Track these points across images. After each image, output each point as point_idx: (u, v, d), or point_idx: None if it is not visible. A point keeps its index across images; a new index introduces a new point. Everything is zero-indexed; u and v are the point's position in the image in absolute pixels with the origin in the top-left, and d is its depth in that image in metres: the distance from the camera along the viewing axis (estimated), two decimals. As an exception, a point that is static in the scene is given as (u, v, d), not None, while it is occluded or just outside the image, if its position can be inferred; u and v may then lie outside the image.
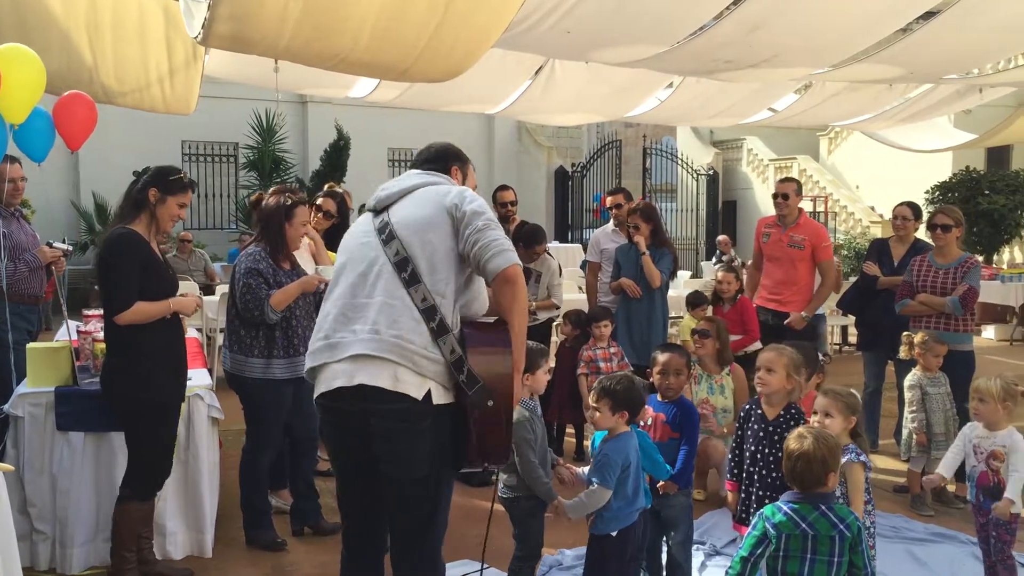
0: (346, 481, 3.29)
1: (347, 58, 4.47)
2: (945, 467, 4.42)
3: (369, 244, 3.12)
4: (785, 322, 6.53)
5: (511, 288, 3.01)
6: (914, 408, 5.47)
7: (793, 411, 3.93)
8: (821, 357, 5.18)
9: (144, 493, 4.17)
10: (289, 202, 4.73)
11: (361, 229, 3.22)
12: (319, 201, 5.88)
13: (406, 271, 3.00)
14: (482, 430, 2.96)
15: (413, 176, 3.29)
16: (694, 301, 7.19)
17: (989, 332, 13.12)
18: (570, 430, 6.78)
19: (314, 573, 4.49)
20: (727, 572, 3.04)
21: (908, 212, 6.71)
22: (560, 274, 7.01)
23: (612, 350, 6.26)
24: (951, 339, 5.69)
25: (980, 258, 15.50)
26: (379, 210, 3.21)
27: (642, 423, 4.05)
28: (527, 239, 6.58)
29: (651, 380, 4.32)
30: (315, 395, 3.11)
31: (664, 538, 4.22)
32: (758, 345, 6.25)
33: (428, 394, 2.95)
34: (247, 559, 4.65)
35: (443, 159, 3.41)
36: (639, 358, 6.18)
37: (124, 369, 4.03)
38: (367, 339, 2.97)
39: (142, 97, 6.57)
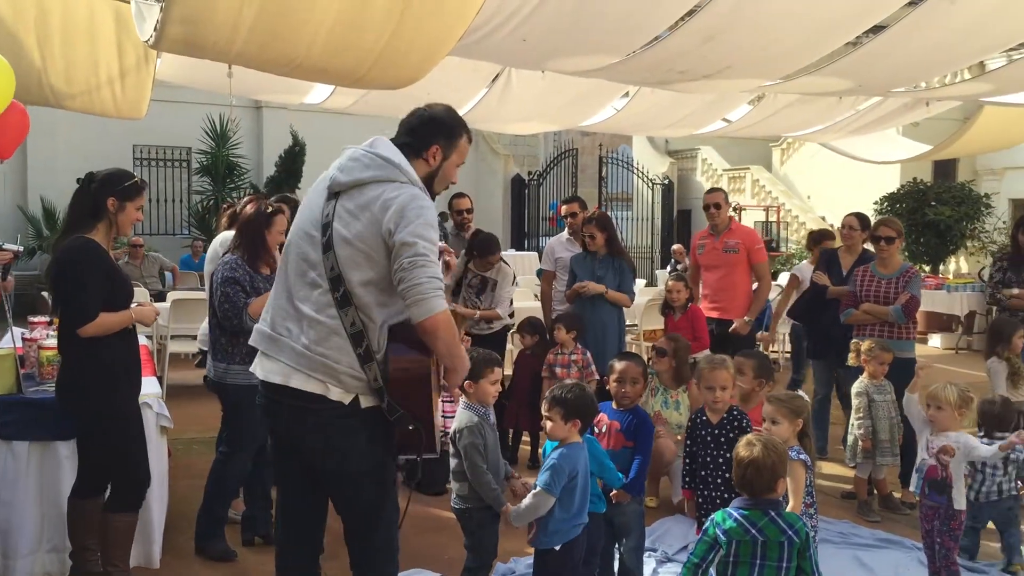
0: (286, 479, 3.29)
1: (301, 64, 4.44)
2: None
3: (312, 240, 3.04)
4: (730, 330, 6.65)
5: (431, 338, 2.94)
6: (861, 415, 5.56)
7: (735, 412, 4.04)
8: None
9: (132, 503, 4.10)
10: (269, 210, 4.72)
11: (313, 208, 3.10)
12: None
13: (338, 291, 2.96)
14: (403, 440, 3.04)
15: (370, 162, 3.05)
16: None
17: (935, 340, 13.38)
18: (526, 438, 6.78)
19: (265, 583, 4.44)
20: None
21: (855, 222, 6.83)
22: (514, 282, 7.03)
23: (574, 357, 6.26)
24: (894, 347, 5.80)
25: (928, 268, 15.84)
26: (332, 192, 3.07)
27: (596, 431, 4.08)
28: (480, 249, 6.59)
29: (608, 388, 4.34)
30: (257, 371, 3.11)
31: (616, 545, 4.24)
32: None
33: (356, 399, 3.00)
34: (196, 569, 4.58)
35: (425, 134, 3.17)
36: (595, 367, 6.20)
37: (84, 381, 3.94)
38: (299, 352, 2.97)
39: (92, 100, 6.47)
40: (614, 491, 4.03)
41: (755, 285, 6.95)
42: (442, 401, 5.60)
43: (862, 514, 5.61)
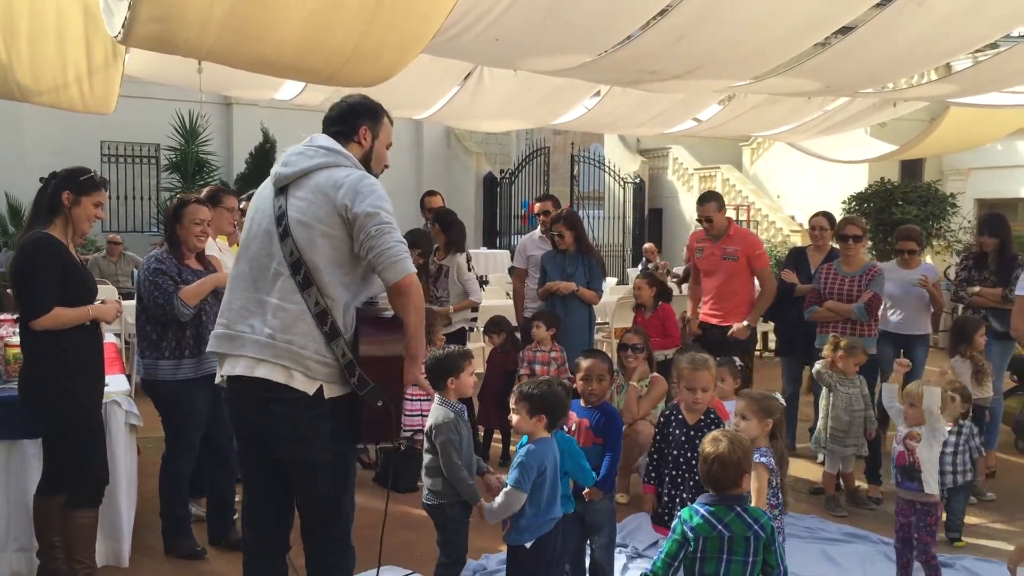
0: (251, 473, 3.32)
1: (273, 61, 4.43)
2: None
3: (269, 234, 3.12)
4: (728, 333, 6.49)
5: (405, 299, 3.07)
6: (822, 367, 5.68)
7: (712, 416, 4.06)
8: (738, 363, 5.30)
9: (91, 499, 4.09)
10: (177, 202, 4.71)
11: (264, 209, 3.20)
12: (242, 205, 5.82)
13: (299, 274, 3.04)
14: (373, 421, 3.07)
15: (313, 152, 3.19)
16: None
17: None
18: (498, 436, 6.80)
19: (235, 581, 4.43)
20: (648, 574, 3.09)
21: (825, 222, 6.91)
22: (483, 281, 7.08)
23: (553, 354, 6.29)
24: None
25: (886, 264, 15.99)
26: (279, 188, 3.17)
27: (566, 428, 4.10)
28: (443, 223, 6.75)
29: (574, 386, 4.37)
30: (220, 373, 3.18)
31: (588, 542, 4.27)
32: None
33: (320, 389, 3.05)
34: (165, 568, 4.57)
35: (351, 118, 3.32)
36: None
37: (43, 376, 3.93)
38: (263, 343, 3.03)
39: (60, 96, 6.39)
40: (586, 489, 4.06)
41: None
42: (412, 400, 5.62)
43: (829, 509, 5.68)
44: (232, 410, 3.24)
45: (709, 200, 6.78)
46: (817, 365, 5.74)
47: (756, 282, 6.78)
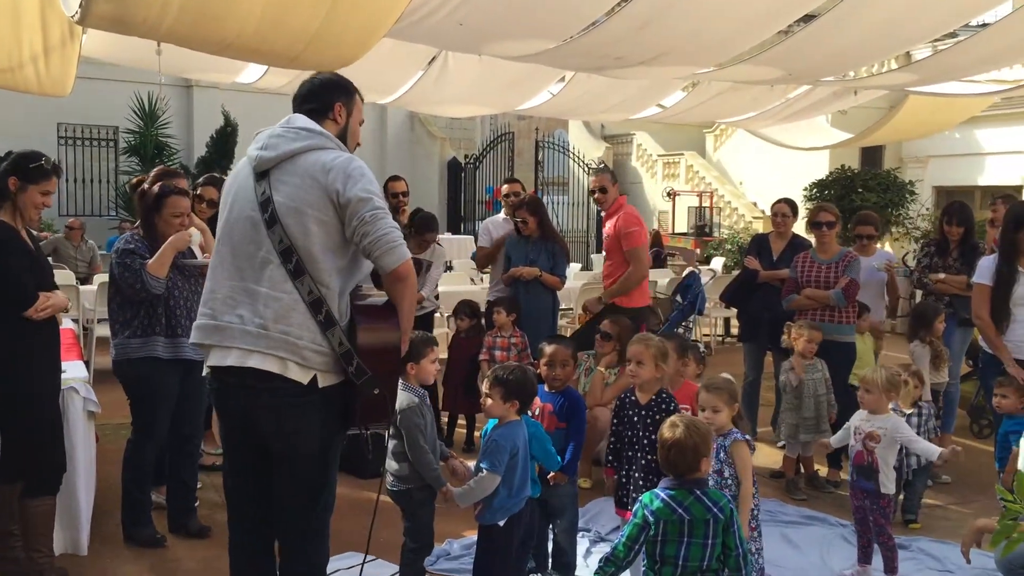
0: (235, 458, 3.28)
1: (234, 44, 4.36)
2: (835, 439, 4.81)
3: (253, 221, 3.04)
4: (583, 305, 6.52)
5: (403, 285, 3.06)
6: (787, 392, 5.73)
7: (664, 395, 4.13)
8: (702, 350, 5.35)
9: (48, 487, 4.04)
10: (159, 191, 4.59)
11: (243, 194, 3.11)
12: (199, 190, 5.73)
13: (291, 262, 2.97)
14: (367, 407, 3.06)
15: (295, 135, 3.10)
16: None
17: (862, 324, 13.70)
18: (462, 421, 6.81)
19: (196, 569, 4.39)
20: (610, 557, 3.12)
21: (787, 209, 6.97)
22: (447, 267, 7.06)
23: (513, 340, 6.31)
24: (836, 330, 5.96)
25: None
26: (260, 172, 3.08)
27: (530, 413, 4.12)
28: (420, 227, 6.61)
29: (538, 371, 4.39)
30: (207, 365, 3.11)
31: (550, 526, 4.30)
32: None
33: (314, 379, 3.01)
34: (125, 556, 4.52)
35: (324, 95, 3.24)
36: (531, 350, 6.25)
37: None
38: (255, 334, 2.96)
39: (15, 77, 6.27)
40: (551, 473, 4.09)
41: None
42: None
43: (789, 492, 5.76)
44: (220, 401, 3.19)
45: (605, 172, 6.75)
46: (785, 364, 5.80)
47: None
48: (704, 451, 3.14)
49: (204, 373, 3.18)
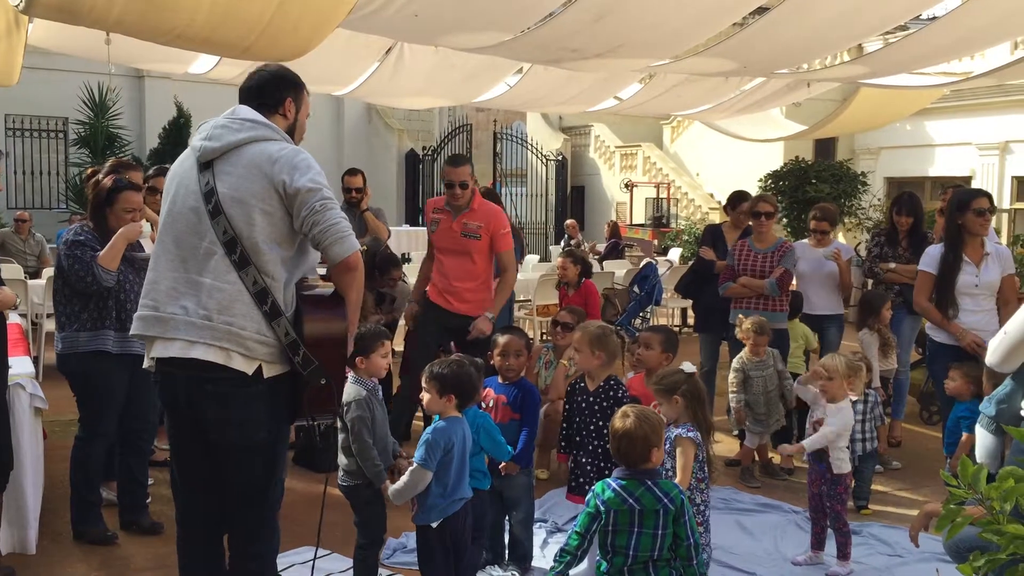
0: (181, 450, 3.24)
1: (184, 33, 4.30)
2: (807, 442, 4.66)
3: (197, 211, 3.00)
4: (471, 328, 5.49)
5: (351, 275, 3.06)
6: (735, 389, 5.78)
7: (612, 382, 4.16)
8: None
9: None
10: (111, 185, 4.51)
11: (187, 184, 3.06)
12: (152, 182, 5.65)
13: (235, 253, 2.95)
14: (313, 397, 3.04)
15: (239, 125, 3.06)
16: None
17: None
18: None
19: (148, 566, 4.33)
20: (564, 547, 3.13)
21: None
22: (405, 259, 7.02)
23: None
24: (770, 318, 6.03)
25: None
26: (203, 163, 3.03)
27: (483, 405, 4.11)
28: (383, 266, 6.51)
29: (492, 363, 4.38)
30: (149, 356, 3.08)
31: (506, 517, 4.30)
32: None
33: (259, 369, 2.99)
34: (75, 554, 4.45)
35: (274, 90, 3.18)
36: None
37: None
38: (199, 325, 2.93)
39: (-43, 66, 6.12)
40: (503, 464, 4.08)
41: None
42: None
43: (744, 480, 5.83)
44: (164, 393, 3.14)
45: (464, 163, 5.69)
46: (734, 363, 5.83)
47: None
48: (655, 441, 3.15)
49: (146, 365, 3.13)
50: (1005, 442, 3.80)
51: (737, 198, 7.04)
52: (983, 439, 3.86)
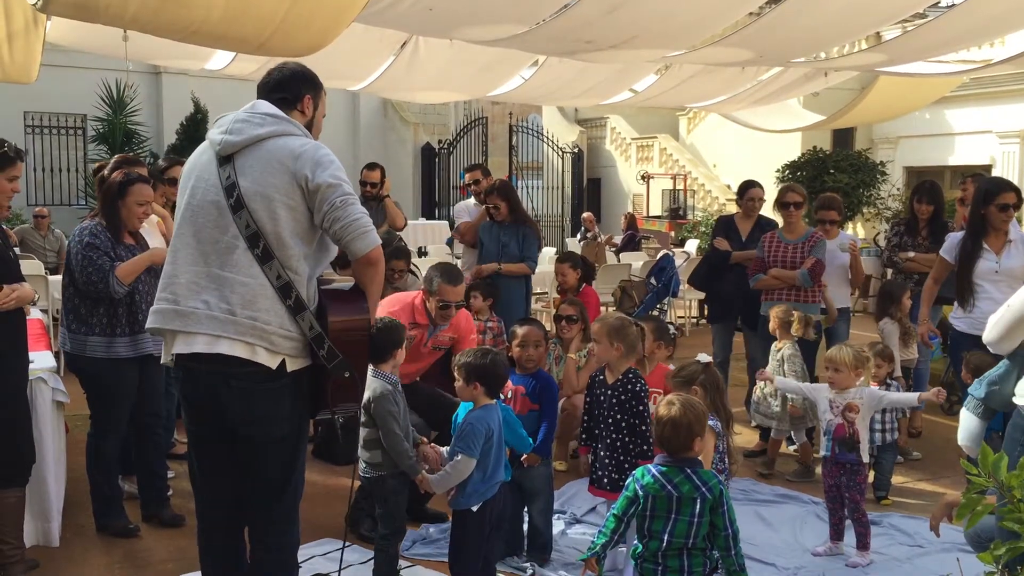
0: (201, 444, 3.25)
1: (199, 30, 4.30)
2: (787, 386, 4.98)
3: (218, 205, 3.00)
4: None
5: (373, 269, 3.08)
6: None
7: (631, 375, 4.15)
8: (672, 332, 5.36)
9: (17, 478, 4.00)
10: (123, 179, 4.53)
11: (206, 178, 3.06)
12: (169, 172, 5.67)
13: (258, 247, 2.95)
14: (337, 390, 3.06)
15: (261, 120, 3.06)
16: None
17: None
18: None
19: (169, 558, 4.37)
20: (601, 529, 3.17)
21: (761, 193, 6.98)
22: (422, 253, 7.04)
23: (489, 324, 6.30)
24: (802, 309, 5.99)
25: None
26: (223, 157, 3.04)
27: (502, 396, 4.13)
28: (386, 257, 6.52)
29: (510, 354, 4.40)
30: (169, 352, 3.08)
31: (525, 508, 4.31)
32: None
33: (282, 363, 3.00)
34: (98, 547, 4.49)
35: (295, 86, 3.20)
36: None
37: None
38: (222, 320, 2.94)
39: (-23, 64, 6.17)
40: (524, 455, 4.10)
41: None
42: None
43: (764, 470, 5.81)
44: (186, 388, 3.16)
45: (462, 281, 5.04)
46: (787, 351, 5.76)
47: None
48: (698, 431, 3.17)
49: (164, 361, 3.13)
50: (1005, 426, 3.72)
51: (745, 186, 7.00)
52: (967, 421, 3.70)
